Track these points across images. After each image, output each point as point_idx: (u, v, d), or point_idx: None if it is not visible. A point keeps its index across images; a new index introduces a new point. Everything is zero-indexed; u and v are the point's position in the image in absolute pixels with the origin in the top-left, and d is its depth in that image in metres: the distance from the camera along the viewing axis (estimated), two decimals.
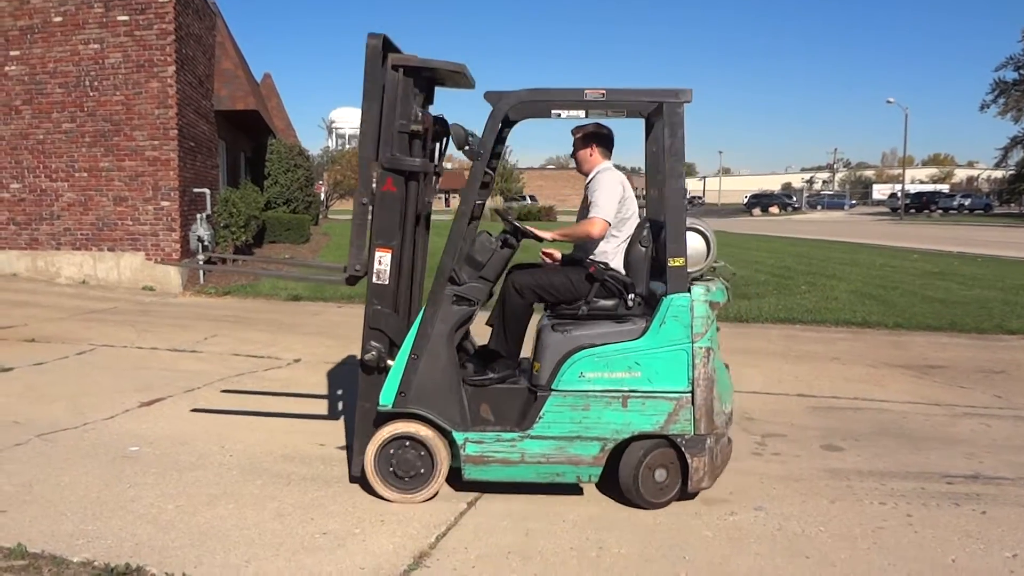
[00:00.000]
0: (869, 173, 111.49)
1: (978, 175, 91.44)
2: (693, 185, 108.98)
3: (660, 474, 3.94)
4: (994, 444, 5.08)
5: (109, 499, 4.03)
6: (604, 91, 3.97)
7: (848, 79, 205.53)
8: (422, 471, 4.04)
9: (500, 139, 4.28)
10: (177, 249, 12.16)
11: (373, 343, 4.17)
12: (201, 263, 12.22)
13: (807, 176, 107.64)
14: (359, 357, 4.20)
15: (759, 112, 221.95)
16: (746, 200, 71.94)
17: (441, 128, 4.42)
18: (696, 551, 3.53)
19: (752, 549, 3.55)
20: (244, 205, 14.16)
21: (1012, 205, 59.75)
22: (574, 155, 4.62)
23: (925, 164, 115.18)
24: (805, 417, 5.70)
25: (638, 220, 4.44)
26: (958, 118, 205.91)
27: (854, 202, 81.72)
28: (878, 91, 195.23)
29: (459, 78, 4.34)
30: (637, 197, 4.63)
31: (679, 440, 3.89)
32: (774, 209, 66.37)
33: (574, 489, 4.20)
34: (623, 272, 4.26)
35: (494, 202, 50.44)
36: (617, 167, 4.60)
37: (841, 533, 3.71)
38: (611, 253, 4.32)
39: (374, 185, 4.18)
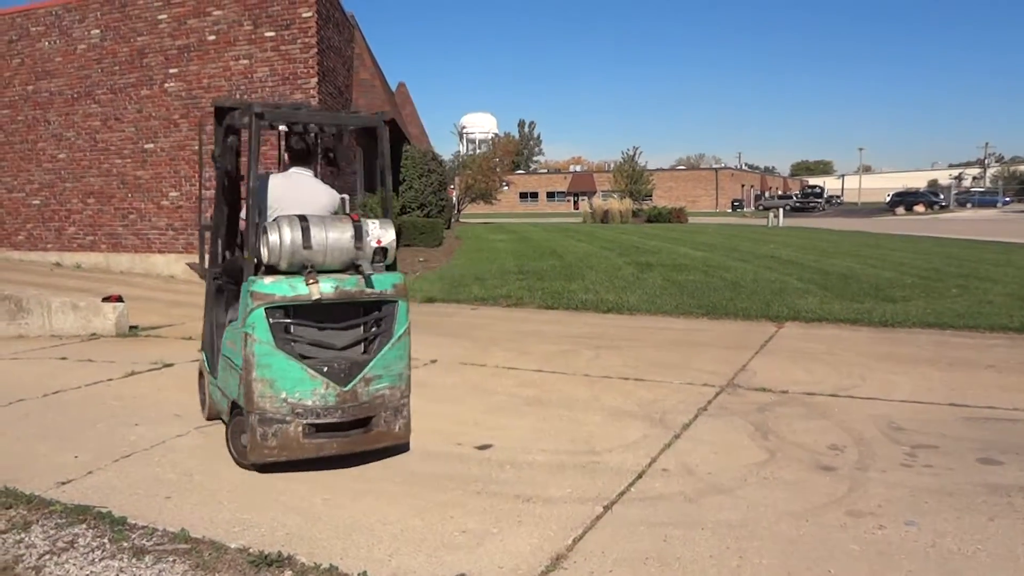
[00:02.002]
0: None
1: None
2: (831, 183, 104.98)
3: (244, 438, 4.50)
4: None
5: (262, 490, 4.27)
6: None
7: (998, 67, 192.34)
8: None
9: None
10: None
11: None
12: None
13: (955, 172, 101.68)
14: None
15: (903, 106, 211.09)
16: (889, 198, 68.73)
17: None
18: (842, 565, 3.40)
19: (903, 566, 3.39)
20: (381, 210, 14.61)
21: None
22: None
23: None
24: (959, 428, 5.39)
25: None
26: None
27: (1008, 199, 76.45)
28: None
29: None
30: None
31: (241, 410, 4.48)
32: (919, 207, 63.11)
33: (714, 496, 4.13)
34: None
35: (620, 203, 50.10)
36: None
37: (1001, 553, 3.50)
38: None
39: None
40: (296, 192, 5.06)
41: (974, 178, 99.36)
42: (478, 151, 64.95)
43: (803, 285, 12.49)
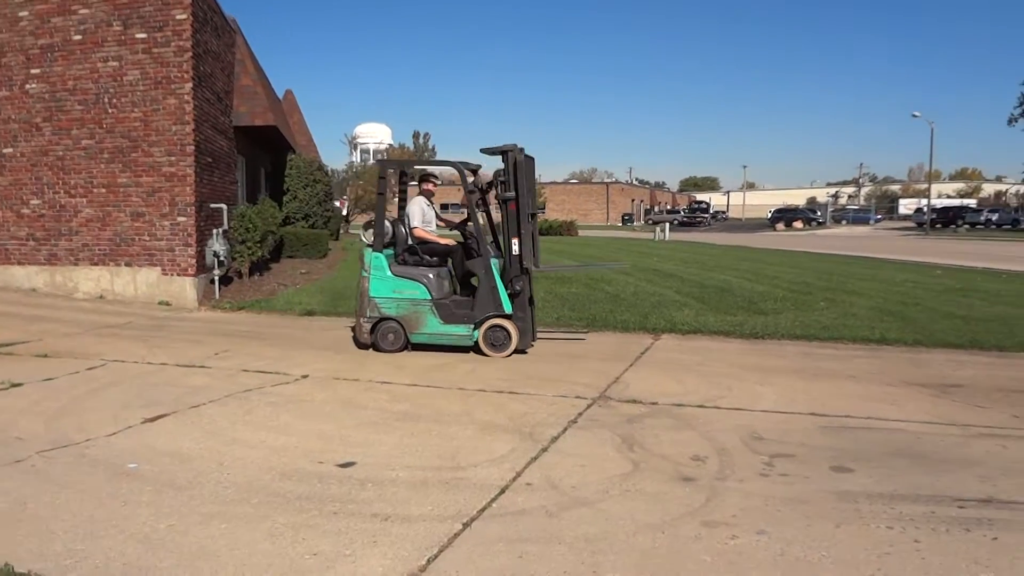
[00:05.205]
0: (895, 187, 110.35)
1: (1006, 190, 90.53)
2: (717, 199, 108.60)
3: None
4: (1010, 467, 4.92)
5: (102, 518, 4.00)
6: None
7: (874, 93, 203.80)
8: None
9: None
10: (193, 264, 12.23)
11: None
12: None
13: (832, 191, 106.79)
14: None
15: (784, 127, 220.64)
16: (770, 214, 71.54)
17: None
18: None
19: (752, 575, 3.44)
20: (261, 220, 14.22)
21: None
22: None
23: (952, 178, 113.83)
24: (817, 437, 5.57)
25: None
26: (986, 132, 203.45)
27: (880, 217, 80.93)
28: (904, 105, 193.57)
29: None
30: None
31: None
32: (798, 224, 65.94)
33: (576, 510, 4.12)
34: None
35: None
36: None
37: (845, 559, 3.59)
38: None
39: None
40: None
41: (849, 196, 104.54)
42: (371, 161, 64.38)
43: (681, 298, 12.78)
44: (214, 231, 12.71)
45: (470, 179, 8.66)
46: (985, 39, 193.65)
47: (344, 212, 42.30)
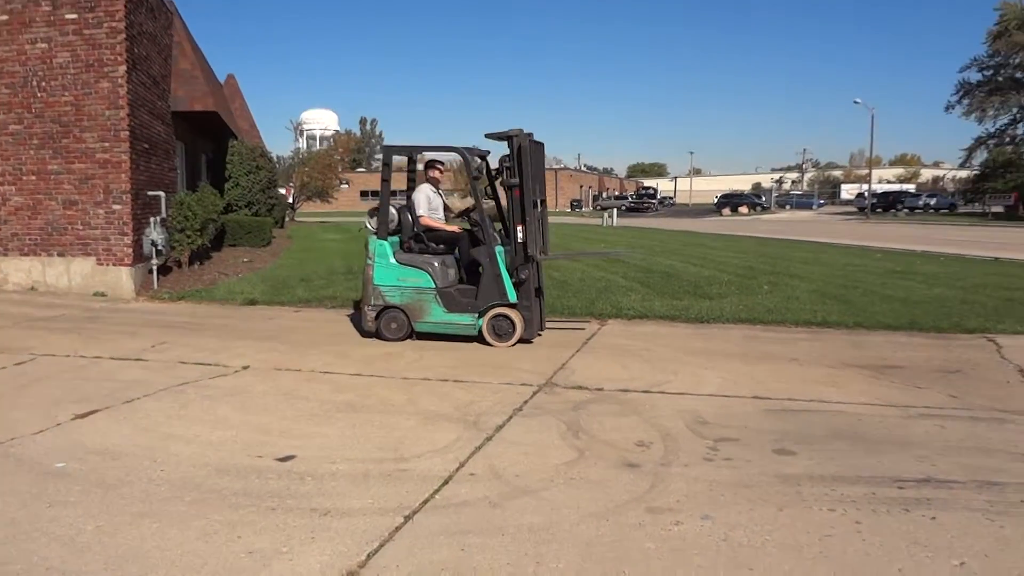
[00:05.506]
0: (837, 173, 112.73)
1: (943, 175, 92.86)
2: (664, 185, 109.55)
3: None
4: (947, 446, 5.00)
5: (25, 520, 3.83)
6: None
7: (817, 80, 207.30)
8: None
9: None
10: (129, 254, 11.88)
11: None
12: None
13: (777, 176, 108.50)
14: None
15: (730, 113, 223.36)
16: (716, 200, 72.43)
17: None
18: (636, 564, 3.39)
19: (695, 562, 3.42)
20: (200, 208, 13.87)
21: (976, 204, 60.57)
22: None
23: (892, 164, 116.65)
24: (760, 420, 5.59)
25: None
26: (924, 119, 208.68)
27: (822, 202, 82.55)
28: (847, 92, 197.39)
29: None
30: None
31: None
32: (743, 209, 66.85)
33: (520, 499, 4.06)
34: None
35: (461, 201, 50.21)
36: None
37: (787, 543, 3.60)
38: None
39: None
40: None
41: (793, 182, 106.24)
42: (318, 147, 63.44)
43: (628, 283, 12.82)
44: (152, 219, 12.36)
45: (475, 165, 8.52)
46: (925, 28, 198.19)
47: (290, 199, 41.68)
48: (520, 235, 8.15)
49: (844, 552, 3.50)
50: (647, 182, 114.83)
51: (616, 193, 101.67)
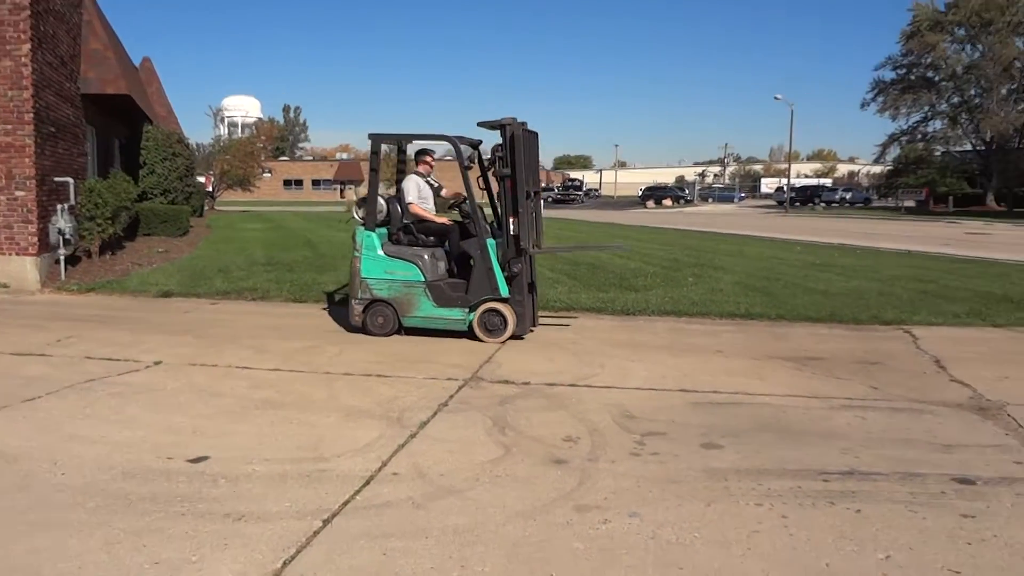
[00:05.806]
0: (758, 167, 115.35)
1: (859, 170, 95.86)
2: (590, 178, 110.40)
3: None
4: (869, 438, 5.06)
5: None
6: None
7: (739, 75, 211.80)
8: None
9: None
10: (35, 243, 11.29)
11: None
12: None
13: (699, 170, 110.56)
14: None
15: (654, 107, 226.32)
16: (641, 192, 73.39)
17: None
18: (564, 565, 3.30)
19: (623, 561, 3.35)
20: (112, 195, 13.28)
21: (889, 199, 62.82)
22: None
23: (810, 159, 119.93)
24: (687, 414, 5.58)
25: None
26: (841, 115, 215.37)
27: (743, 195, 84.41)
28: (767, 88, 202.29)
29: None
30: None
31: None
32: (667, 202, 67.94)
33: (444, 499, 3.93)
34: None
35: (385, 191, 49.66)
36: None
37: (716, 539, 3.56)
38: None
39: None
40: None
41: (715, 175, 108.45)
42: (239, 135, 61.94)
43: (554, 275, 12.78)
44: (59, 207, 11.76)
45: (467, 154, 8.25)
46: (842, 25, 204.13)
47: (209, 188, 40.58)
48: (513, 227, 7.86)
49: (773, 547, 3.48)
50: (573, 174, 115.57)
51: (543, 184, 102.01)
